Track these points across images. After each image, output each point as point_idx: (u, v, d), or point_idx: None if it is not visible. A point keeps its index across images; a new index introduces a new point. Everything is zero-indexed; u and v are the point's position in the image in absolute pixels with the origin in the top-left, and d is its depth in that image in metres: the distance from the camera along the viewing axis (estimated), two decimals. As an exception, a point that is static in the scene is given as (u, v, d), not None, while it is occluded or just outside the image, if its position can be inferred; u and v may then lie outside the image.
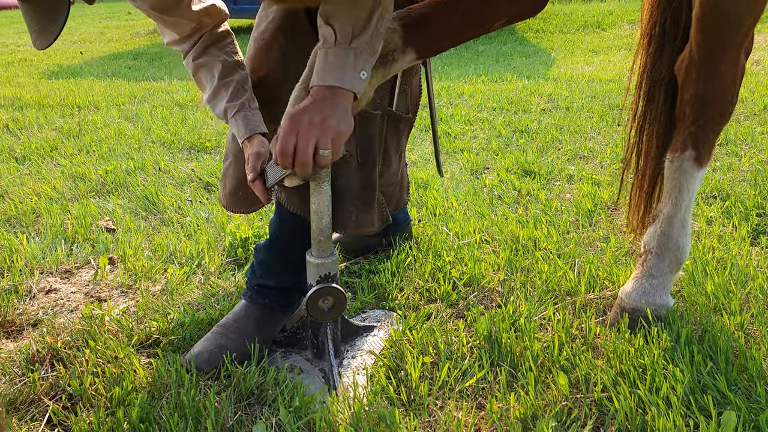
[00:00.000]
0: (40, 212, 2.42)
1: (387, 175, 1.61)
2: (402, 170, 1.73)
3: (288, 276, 1.56)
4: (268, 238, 1.61)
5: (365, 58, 1.23)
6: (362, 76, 1.22)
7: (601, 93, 4.38)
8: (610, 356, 1.41)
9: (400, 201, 1.77)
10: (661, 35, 1.50)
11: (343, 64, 1.21)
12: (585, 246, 2.03)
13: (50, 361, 1.47)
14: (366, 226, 1.55)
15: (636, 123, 1.61)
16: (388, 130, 1.55)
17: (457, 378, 1.39)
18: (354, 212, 1.51)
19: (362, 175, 1.51)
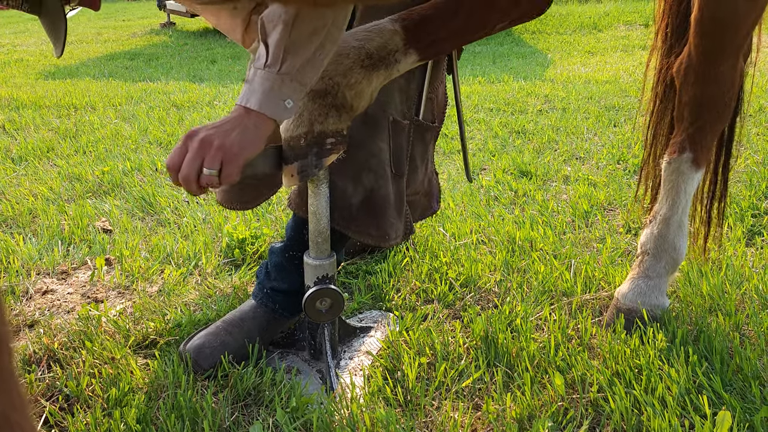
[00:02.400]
0: (37, 213, 2.41)
1: (413, 184, 1.61)
2: (430, 178, 1.72)
3: (300, 280, 1.55)
4: (284, 241, 1.60)
5: (294, 87, 1.20)
6: (287, 105, 1.20)
7: (597, 94, 4.39)
8: (606, 357, 1.41)
9: (427, 210, 1.77)
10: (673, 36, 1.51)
11: (269, 89, 1.19)
12: (581, 247, 2.04)
13: (47, 362, 1.47)
14: (396, 238, 1.54)
15: (652, 123, 1.62)
16: (415, 139, 1.54)
17: (454, 378, 1.40)
18: (395, 224, 1.50)
19: (396, 185, 1.51)
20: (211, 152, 1.14)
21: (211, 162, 1.14)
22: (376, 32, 1.28)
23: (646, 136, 1.70)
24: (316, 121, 1.25)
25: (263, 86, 1.19)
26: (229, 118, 1.19)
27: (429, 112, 1.56)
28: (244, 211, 2.41)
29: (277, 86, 1.19)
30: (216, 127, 1.17)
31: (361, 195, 1.47)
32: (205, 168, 1.14)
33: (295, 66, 1.19)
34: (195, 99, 4.64)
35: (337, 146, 1.30)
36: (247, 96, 1.20)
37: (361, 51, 1.25)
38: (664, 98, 1.62)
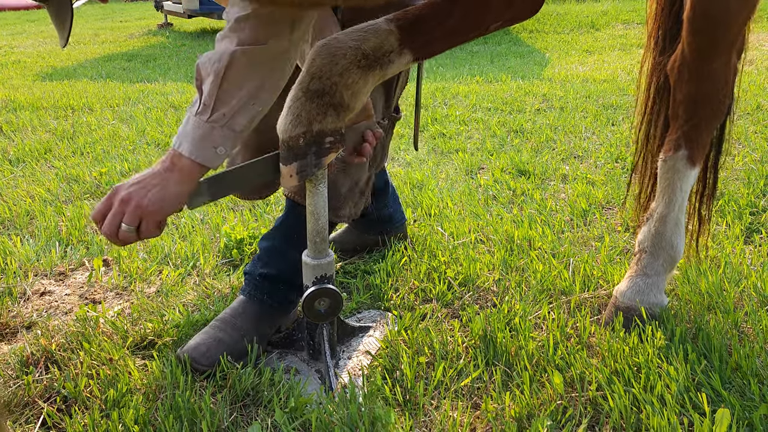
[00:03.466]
0: (34, 214, 2.41)
1: (379, 166, 1.73)
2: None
3: (289, 264, 1.56)
4: (274, 226, 1.64)
5: (225, 134, 1.25)
6: (219, 152, 1.25)
7: (595, 93, 4.39)
8: (605, 355, 1.41)
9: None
10: (664, 38, 1.51)
11: (200, 137, 1.23)
12: (579, 245, 2.03)
13: (45, 364, 1.46)
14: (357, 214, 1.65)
15: (643, 124, 1.62)
16: (388, 131, 1.66)
17: (453, 378, 1.39)
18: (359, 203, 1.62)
19: (368, 174, 1.63)
20: (129, 210, 1.21)
21: (129, 220, 1.21)
22: (371, 32, 1.27)
23: (637, 137, 1.70)
24: (314, 121, 1.25)
25: (194, 133, 1.24)
26: (155, 170, 1.25)
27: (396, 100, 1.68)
28: (242, 212, 2.41)
29: (208, 134, 1.23)
30: (138, 183, 1.24)
31: (348, 186, 1.56)
32: (123, 224, 1.21)
33: (226, 115, 1.25)
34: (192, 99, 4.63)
35: (336, 145, 1.30)
36: (180, 140, 1.25)
37: (357, 51, 1.25)
38: (657, 99, 1.62)
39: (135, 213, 1.21)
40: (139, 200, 1.21)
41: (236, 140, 1.28)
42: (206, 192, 1.29)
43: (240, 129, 1.28)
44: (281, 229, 1.63)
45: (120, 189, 1.24)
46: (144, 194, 1.22)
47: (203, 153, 1.24)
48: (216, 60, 1.26)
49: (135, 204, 1.21)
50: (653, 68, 1.58)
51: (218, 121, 1.24)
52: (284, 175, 1.31)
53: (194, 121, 1.25)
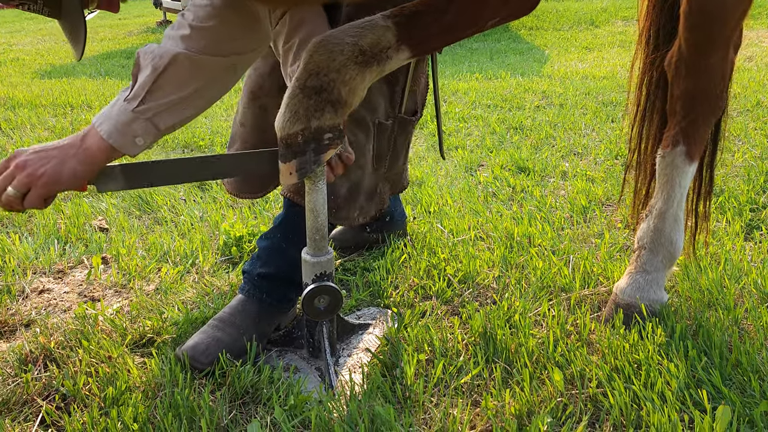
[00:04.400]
0: (33, 212, 2.40)
1: (394, 168, 1.69)
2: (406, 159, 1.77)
3: (288, 263, 1.56)
4: (273, 225, 1.63)
5: (147, 128, 1.24)
6: (137, 142, 1.25)
7: (594, 90, 4.38)
8: (605, 352, 1.41)
9: (405, 182, 1.82)
10: (657, 35, 1.51)
11: (122, 122, 1.23)
12: (579, 242, 2.03)
13: (43, 362, 1.46)
14: (367, 217, 1.63)
15: (636, 122, 1.62)
16: (398, 133, 1.62)
17: (452, 375, 1.39)
18: (364, 207, 1.59)
19: (374, 177, 1.60)
20: (21, 176, 1.20)
21: (17, 185, 1.20)
22: (368, 28, 1.27)
23: (631, 134, 1.69)
24: (312, 117, 1.24)
25: (118, 117, 1.24)
26: (63, 143, 1.24)
27: (412, 103, 1.64)
28: (241, 210, 2.40)
29: (130, 122, 1.23)
30: (39, 152, 1.22)
31: (347, 187, 1.55)
32: (10, 188, 1.21)
33: (153, 110, 1.24)
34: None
35: (335, 141, 1.29)
36: (101, 120, 1.25)
37: (355, 48, 1.24)
38: (650, 96, 1.61)
39: (25, 181, 1.20)
40: (34, 170, 1.20)
41: (157, 136, 1.28)
42: (120, 178, 1.28)
43: (164, 127, 1.28)
44: (280, 227, 1.62)
45: (20, 153, 1.23)
46: (40, 165, 1.21)
47: (120, 139, 1.23)
48: (158, 55, 1.26)
49: (28, 172, 1.20)
50: (645, 65, 1.58)
51: (143, 114, 1.24)
52: (283, 173, 1.30)
53: (120, 106, 1.24)
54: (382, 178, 1.65)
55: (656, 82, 1.53)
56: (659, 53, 1.50)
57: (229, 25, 1.30)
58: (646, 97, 1.57)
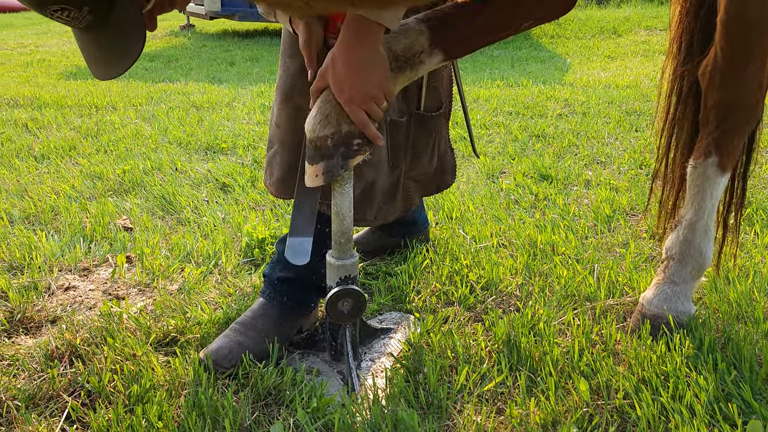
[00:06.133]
0: (59, 210, 2.43)
1: (417, 167, 1.64)
2: (441, 156, 1.72)
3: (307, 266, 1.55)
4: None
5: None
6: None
7: (618, 99, 4.35)
8: (632, 363, 1.39)
9: (441, 185, 1.78)
10: (690, 43, 1.49)
11: None
12: (604, 251, 2.01)
13: (69, 358, 1.47)
14: (389, 217, 1.60)
15: (666, 131, 1.60)
16: (416, 131, 1.57)
17: (476, 382, 1.38)
18: (383, 207, 1.56)
19: (393, 176, 1.57)
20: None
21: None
22: (401, 33, 1.27)
23: (659, 143, 1.67)
24: (344, 122, 1.24)
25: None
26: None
27: (434, 100, 1.60)
28: (263, 212, 2.41)
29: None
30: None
31: (361, 187, 1.52)
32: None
33: None
34: (214, 100, 4.67)
35: (363, 147, 1.29)
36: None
37: (389, 53, 1.25)
38: (681, 105, 1.59)
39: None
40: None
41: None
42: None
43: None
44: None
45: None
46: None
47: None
48: None
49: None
50: (676, 73, 1.55)
51: None
52: (309, 174, 1.31)
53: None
54: (405, 177, 1.61)
55: (687, 91, 1.51)
56: (692, 62, 1.48)
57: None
58: (676, 106, 1.55)
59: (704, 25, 1.45)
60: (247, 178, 2.80)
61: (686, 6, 1.47)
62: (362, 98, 1.23)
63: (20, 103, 4.64)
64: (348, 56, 1.21)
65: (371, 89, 1.23)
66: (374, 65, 1.22)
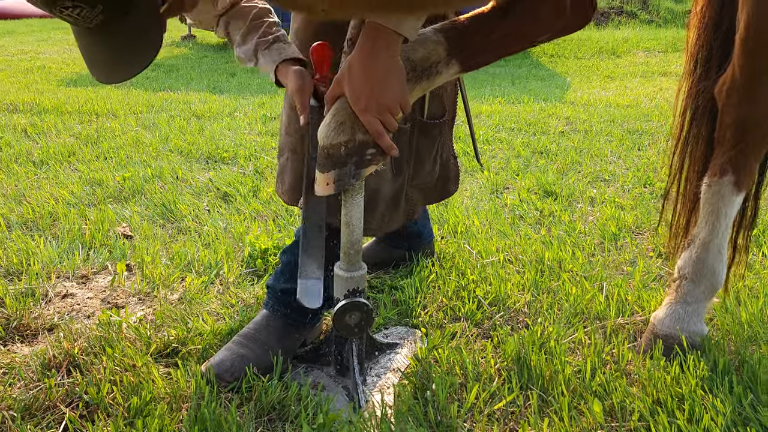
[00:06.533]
0: (58, 216, 2.39)
1: (420, 175, 1.61)
2: (445, 164, 1.69)
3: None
4: (294, 240, 1.59)
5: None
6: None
7: (619, 118, 4.35)
8: (646, 384, 1.36)
9: (444, 193, 1.75)
10: (707, 59, 1.48)
11: None
12: (611, 269, 1.98)
13: (67, 367, 1.43)
14: (392, 226, 1.57)
15: (679, 148, 1.58)
16: (420, 138, 1.55)
17: (486, 401, 1.34)
18: (385, 215, 1.53)
19: (396, 184, 1.53)
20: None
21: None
22: (419, 42, 1.25)
23: (672, 162, 1.65)
24: (359, 130, 1.22)
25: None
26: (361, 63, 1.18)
27: (438, 108, 1.57)
28: (266, 222, 2.38)
29: None
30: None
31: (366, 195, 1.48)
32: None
33: None
34: (215, 109, 4.65)
35: (377, 157, 1.27)
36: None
37: (407, 62, 1.23)
38: (697, 123, 1.57)
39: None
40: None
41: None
42: None
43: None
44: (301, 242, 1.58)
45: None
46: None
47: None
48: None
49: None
50: (692, 90, 1.54)
51: None
52: (320, 183, 1.28)
53: None
54: (408, 185, 1.59)
55: (703, 109, 1.50)
56: (709, 79, 1.47)
57: None
58: (691, 123, 1.54)
59: (723, 42, 1.44)
60: (249, 187, 2.77)
61: (704, 23, 1.46)
62: (378, 107, 1.21)
63: (20, 108, 4.61)
64: (366, 64, 1.18)
65: (388, 99, 1.21)
66: (392, 75, 1.20)
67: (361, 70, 1.19)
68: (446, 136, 1.67)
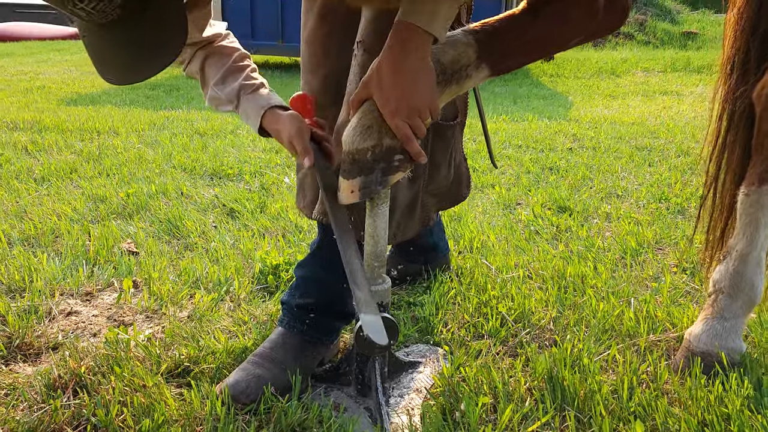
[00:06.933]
0: (60, 233, 2.32)
1: (436, 180, 1.54)
2: (457, 167, 1.62)
3: (329, 292, 1.45)
4: (309, 254, 1.52)
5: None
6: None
7: (626, 135, 4.32)
8: (688, 404, 1.28)
9: (458, 197, 1.67)
10: (744, 62, 1.43)
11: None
12: (636, 285, 1.92)
13: (73, 388, 1.35)
14: (407, 234, 1.49)
15: (715, 155, 1.52)
16: (435, 140, 1.48)
17: (519, 422, 1.27)
18: (402, 223, 1.45)
19: (412, 190, 1.46)
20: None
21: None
22: (449, 44, 1.20)
23: (707, 169, 1.60)
24: (386, 135, 1.16)
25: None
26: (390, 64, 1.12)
27: (450, 109, 1.51)
28: (276, 238, 2.31)
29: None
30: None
31: None
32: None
33: None
34: (218, 127, 4.60)
35: (404, 164, 1.21)
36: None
37: (437, 65, 1.17)
38: (733, 129, 1.52)
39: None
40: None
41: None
42: None
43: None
44: (316, 254, 1.51)
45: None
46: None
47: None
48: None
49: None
50: (728, 95, 1.49)
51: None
52: (344, 190, 1.22)
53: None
54: (423, 191, 1.51)
55: (740, 114, 1.45)
56: (746, 83, 1.42)
57: None
58: (728, 130, 1.49)
59: (761, 44, 1.40)
60: (256, 204, 2.70)
61: (741, 24, 1.42)
62: (408, 111, 1.15)
63: (20, 126, 4.55)
64: (395, 66, 1.13)
65: (418, 102, 1.15)
66: (422, 76, 1.14)
67: (390, 72, 1.14)
68: (458, 138, 1.61)
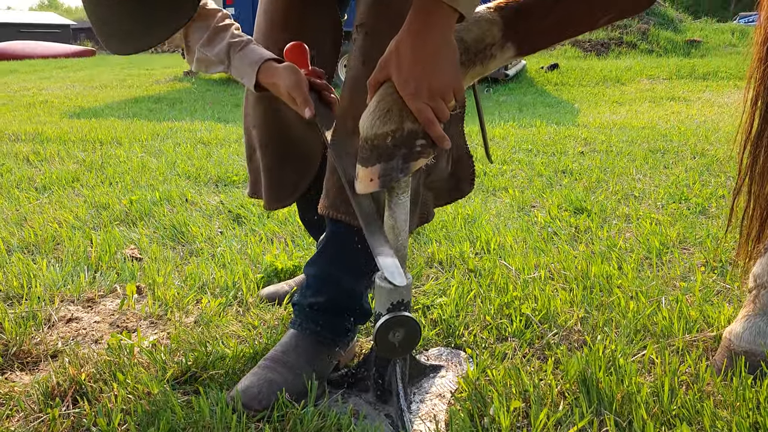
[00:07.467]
0: (61, 239, 2.24)
1: (435, 173, 1.45)
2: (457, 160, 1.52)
3: (342, 290, 1.37)
4: (318, 249, 1.43)
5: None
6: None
7: (638, 138, 4.25)
8: (737, 405, 1.19)
9: (455, 192, 1.56)
10: None
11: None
12: (664, 284, 1.82)
13: (72, 396, 1.26)
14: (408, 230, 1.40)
15: (750, 143, 1.44)
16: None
17: (554, 426, 1.17)
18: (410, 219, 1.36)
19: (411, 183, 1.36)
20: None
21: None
22: (473, 22, 1.13)
23: (740, 157, 1.51)
24: (407, 118, 1.08)
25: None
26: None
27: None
28: (285, 242, 2.23)
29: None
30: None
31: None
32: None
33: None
34: (222, 137, 4.54)
35: (426, 149, 1.12)
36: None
37: (460, 44, 1.10)
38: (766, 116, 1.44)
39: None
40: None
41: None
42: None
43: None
44: (325, 250, 1.42)
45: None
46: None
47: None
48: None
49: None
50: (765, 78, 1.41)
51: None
52: (362, 179, 1.13)
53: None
54: (423, 185, 1.43)
55: None
56: None
57: None
58: (763, 115, 1.40)
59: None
60: (262, 209, 2.62)
61: None
62: (430, 93, 1.07)
63: (22, 138, 4.50)
64: (417, 44, 1.05)
65: (441, 83, 1.07)
66: (445, 56, 1.06)
67: (410, 51, 1.06)
68: (455, 130, 1.53)
